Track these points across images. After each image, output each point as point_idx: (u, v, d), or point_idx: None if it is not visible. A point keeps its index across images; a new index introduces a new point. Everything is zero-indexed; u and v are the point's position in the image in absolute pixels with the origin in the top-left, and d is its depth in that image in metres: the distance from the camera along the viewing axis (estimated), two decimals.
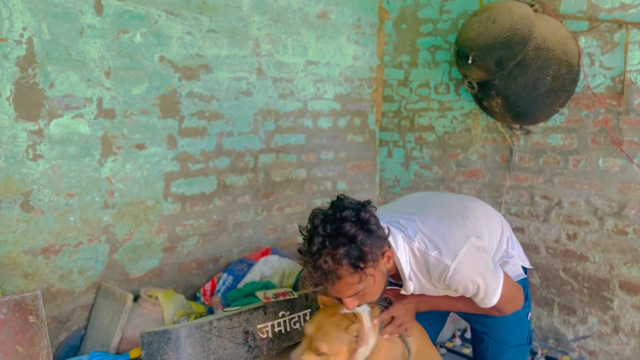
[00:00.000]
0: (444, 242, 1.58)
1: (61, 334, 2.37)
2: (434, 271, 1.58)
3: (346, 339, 1.64)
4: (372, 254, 1.46)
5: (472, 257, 1.58)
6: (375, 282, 1.51)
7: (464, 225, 1.67)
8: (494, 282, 1.60)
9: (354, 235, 1.43)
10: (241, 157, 2.91)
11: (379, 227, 1.51)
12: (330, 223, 1.44)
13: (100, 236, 2.44)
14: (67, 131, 2.29)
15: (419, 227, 1.62)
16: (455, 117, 3.12)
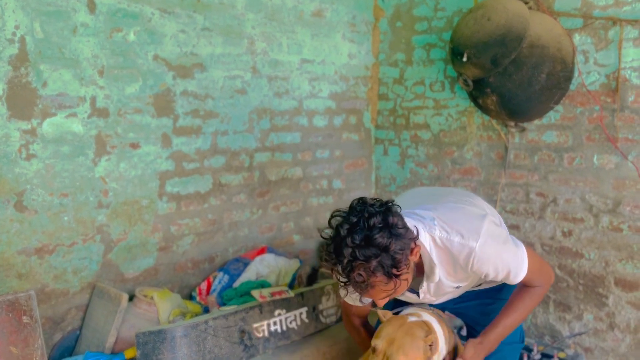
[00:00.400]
0: (463, 225, 1.57)
1: (56, 334, 2.35)
2: (460, 257, 1.56)
3: (422, 348, 1.63)
4: (405, 258, 1.42)
5: (493, 235, 1.59)
6: (406, 277, 1.48)
7: (475, 207, 1.69)
8: (519, 255, 1.63)
9: (386, 246, 1.37)
10: (236, 155, 2.90)
11: (406, 227, 1.45)
12: (358, 233, 1.37)
13: (94, 236, 2.42)
14: (61, 130, 2.28)
15: (436, 215, 1.59)
16: (451, 114, 3.12)
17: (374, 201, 1.46)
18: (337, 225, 1.42)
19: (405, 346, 1.62)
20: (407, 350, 1.61)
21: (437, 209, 1.63)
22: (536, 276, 1.69)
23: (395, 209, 1.46)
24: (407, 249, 1.43)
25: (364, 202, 1.45)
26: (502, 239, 1.61)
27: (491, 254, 1.56)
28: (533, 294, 1.72)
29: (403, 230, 1.43)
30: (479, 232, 1.55)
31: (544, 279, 1.73)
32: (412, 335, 1.63)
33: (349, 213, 1.43)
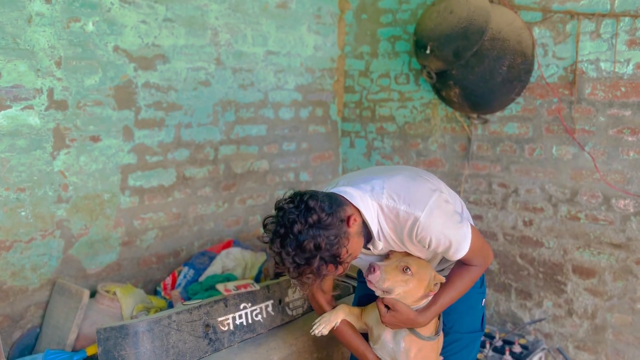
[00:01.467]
0: (412, 195, 1.60)
1: (15, 332, 2.29)
2: (405, 226, 1.59)
3: (431, 276, 1.71)
4: (341, 241, 1.50)
5: (440, 208, 1.60)
6: (355, 242, 1.57)
7: (428, 182, 1.70)
8: (462, 232, 1.62)
9: (317, 245, 1.46)
10: (201, 148, 2.87)
11: (330, 212, 1.50)
12: (289, 244, 1.47)
13: (54, 231, 2.37)
14: (16, 123, 2.21)
15: (385, 185, 1.63)
16: (415, 107, 3.15)
17: (291, 202, 1.52)
18: (270, 240, 1.53)
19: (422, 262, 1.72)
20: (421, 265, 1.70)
21: (389, 180, 1.66)
22: (477, 256, 1.70)
23: (312, 202, 1.50)
24: (341, 233, 1.50)
25: (283, 209, 1.52)
26: (449, 214, 1.62)
27: (435, 226, 1.58)
28: (471, 272, 1.73)
29: (328, 218, 1.49)
30: (426, 203, 1.58)
31: (483, 260, 1.73)
32: (426, 265, 1.73)
33: (276, 223, 1.52)
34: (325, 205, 1.51)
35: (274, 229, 1.52)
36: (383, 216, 1.63)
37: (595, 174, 2.46)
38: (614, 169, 2.41)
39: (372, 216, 1.62)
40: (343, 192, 1.63)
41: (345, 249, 1.52)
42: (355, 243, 1.58)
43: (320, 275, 1.51)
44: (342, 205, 1.56)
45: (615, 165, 2.40)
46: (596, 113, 2.44)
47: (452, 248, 1.63)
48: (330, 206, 1.52)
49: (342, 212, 1.54)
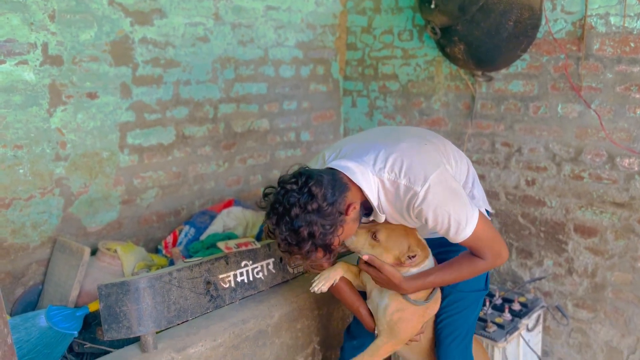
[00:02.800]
0: (413, 169, 1.56)
1: (17, 289, 2.31)
2: (404, 200, 1.57)
3: (403, 249, 1.69)
4: (335, 232, 1.51)
5: (442, 184, 1.55)
6: (349, 228, 1.58)
7: (434, 151, 1.66)
8: (465, 212, 1.57)
9: (311, 233, 1.47)
10: (200, 106, 2.82)
11: (331, 201, 1.49)
12: (284, 224, 1.49)
13: (53, 189, 2.35)
14: (11, 79, 2.16)
15: (388, 156, 1.60)
16: (419, 64, 3.08)
17: (295, 182, 1.50)
18: (267, 213, 1.53)
19: (393, 231, 1.70)
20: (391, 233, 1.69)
21: (392, 149, 1.62)
22: (484, 247, 1.63)
23: (315, 189, 1.48)
24: (337, 222, 1.50)
25: (285, 189, 1.50)
26: (451, 191, 1.57)
27: (434, 202, 1.54)
28: (474, 264, 1.66)
29: (328, 208, 1.48)
30: (427, 177, 1.54)
31: (492, 255, 1.65)
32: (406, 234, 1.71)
33: (274, 200, 1.52)
34: (328, 194, 1.49)
35: (272, 203, 1.52)
36: (383, 191, 1.61)
37: (600, 132, 2.42)
38: (620, 127, 2.37)
39: (373, 192, 1.60)
40: (345, 168, 1.60)
41: (338, 238, 1.53)
42: (349, 229, 1.59)
43: (309, 259, 1.52)
44: (344, 192, 1.54)
45: (621, 123, 2.36)
46: (604, 69, 2.38)
47: (452, 228, 1.58)
48: (333, 194, 1.50)
49: (343, 202, 1.53)
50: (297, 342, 2.31)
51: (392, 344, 1.81)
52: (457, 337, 1.88)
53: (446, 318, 1.89)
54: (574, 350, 2.65)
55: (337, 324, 2.48)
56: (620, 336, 2.48)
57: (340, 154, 1.70)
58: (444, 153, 1.72)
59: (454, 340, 1.88)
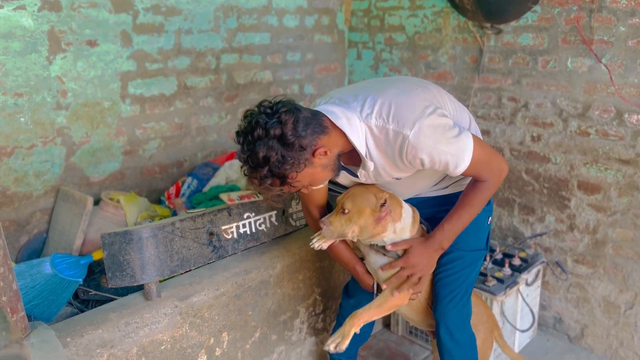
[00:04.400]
0: (402, 112, 1.52)
1: (21, 237, 2.33)
2: (395, 146, 1.53)
3: (372, 202, 1.68)
4: (294, 166, 1.46)
5: (432, 124, 1.51)
6: (317, 173, 1.55)
7: (424, 94, 1.61)
8: (460, 144, 1.53)
9: (266, 157, 1.43)
10: (202, 56, 2.77)
11: (304, 130, 1.46)
12: (247, 144, 1.46)
13: (54, 138, 2.34)
14: (9, 24, 2.12)
15: (376, 102, 1.55)
16: (427, 16, 3.00)
17: (270, 107, 1.47)
18: (236, 132, 1.50)
19: (355, 196, 1.70)
20: (355, 199, 1.69)
21: (380, 95, 1.57)
22: (484, 169, 1.61)
23: (285, 117, 1.44)
24: (298, 157, 1.46)
25: (259, 111, 1.47)
26: (442, 128, 1.52)
27: (426, 144, 1.50)
28: (482, 189, 1.65)
29: (292, 139, 1.44)
30: (415, 120, 1.50)
31: (493, 173, 1.63)
32: (366, 190, 1.72)
33: (243, 121, 1.49)
34: (298, 127, 1.45)
35: (243, 122, 1.50)
36: (372, 138, 1.56)
37: (610, 87, 2.37)
38: (630, 82, 2.32)
39: (360, 139, 1.56)
40: (330, 112, 1.55)
41: (295, 174, 1.49)
42: (316, 174, 1.55)
43: (264, 185, 1.49)
44: (318, 133, 1.49)
45: (631, 78, 2.31)
46: (617, 22, 2.31)
47: (451, 164, 1.55)
48: (304, 129, 1.46)
49: (313, 141, 1.48)
50: (299, 293, 2.34)
51: (398, 297, 1.82)
52: (455, 297, 1.86)
53: (445, 277, 1.87)
54: (571, 305, 2.69)
55: (339, 276, 2.52)
56: (619, 291, 2.51)
57: (329, 101, 1.65)
58: (438, 99, 1.65)
59: (452, 299, 1.86)
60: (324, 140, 1.51)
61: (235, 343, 2.10)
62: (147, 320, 1.81)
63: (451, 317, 1.87)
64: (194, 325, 1.93)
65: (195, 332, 1.94)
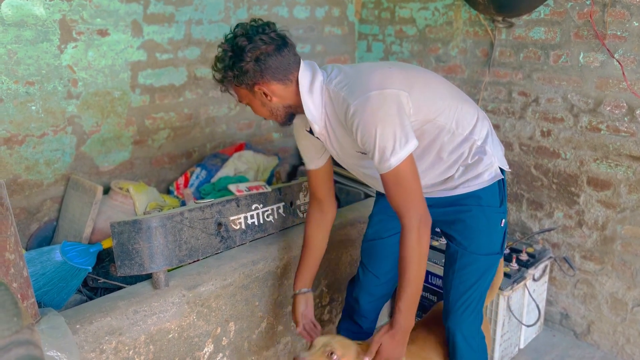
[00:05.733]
0: (359, 84, 1.56)
1: (32, 225, 2.36)
2: (341, 112, 1.58)
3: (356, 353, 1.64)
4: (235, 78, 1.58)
5: (380, 103, 1.50)
6: (254, 103, 1.66)
7: (393, 75, 1.60)
8: (395, 140, 1.49)
9: (225, 52, 1.57)
10: (212, 47, 2.77)
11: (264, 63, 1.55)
12: (225, 40, 1.59)
13: (65, 127, 2.35)
14: (21, 13, 2.13)
15: (345, 72, 1.62)
16: (438, 9, 2.98)
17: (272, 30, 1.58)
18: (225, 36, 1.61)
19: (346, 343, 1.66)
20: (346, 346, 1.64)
21: (354, 67, 1.64)
22: (404, 196, 1.54)
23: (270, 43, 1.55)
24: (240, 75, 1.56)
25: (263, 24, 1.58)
26: (388, 114, 1.49)
27: (364, 118, 1.50)
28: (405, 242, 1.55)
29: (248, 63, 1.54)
30: (364, 93, 1.51)
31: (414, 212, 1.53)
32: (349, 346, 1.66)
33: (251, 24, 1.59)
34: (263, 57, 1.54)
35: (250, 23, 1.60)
36: (329, 102, 1.62)
37: (622, 83, 2.35)
38: None
39: (315, 99, 1.61)
40: (304, 72, 1.61)
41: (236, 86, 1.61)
42: (253, 103, 1.65)
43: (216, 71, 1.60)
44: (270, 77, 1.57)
45: None
46: (630, 17, 2.29)
47: (377, 153, 1.50)
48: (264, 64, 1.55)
49: (259, 78, 1.57)
50: None
51: None
52: (470, 305, 1.80)
53: (459, 284, 1.79)
54: (578, 301, 2.68)
55: (345, 268, 2.52)
56: (626, 288, 2.50)
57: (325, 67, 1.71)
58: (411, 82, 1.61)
59: (467, 308, 1.80)
60: (273, 86, 1.59)
61: (242, 333, 2.12)
62: (155, 309, 1.83)
63: (467, 325, 1.82)
64: (201, 315, 1.95)
65: (202, 321, 1.96)
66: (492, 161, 1.74)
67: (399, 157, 1.50)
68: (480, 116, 1.77)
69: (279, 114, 1.68)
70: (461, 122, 1.70)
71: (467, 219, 1.77)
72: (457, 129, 1.69)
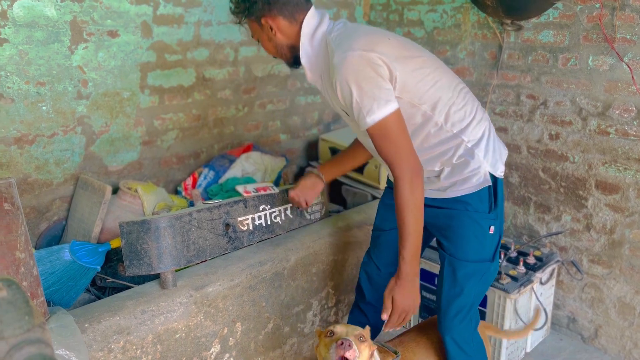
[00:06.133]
0: (349, 40, 1.59)
1: (41, 224, 2.37)
2: (328, 64, 1.64)
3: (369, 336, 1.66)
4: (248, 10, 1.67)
5: (358, 64, 1.53)
6: (262, 37, 1.74)
7: (388, 44, 1.61)
8: (372, 101, 1.53)
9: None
10: (221, 49, 2.78)
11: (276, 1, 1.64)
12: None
13: (75, 127, 2.37)
14: (33, 14, 2.15)
15: (347, 27, 1.67)
16: (446, 11, 2.98)
17: None
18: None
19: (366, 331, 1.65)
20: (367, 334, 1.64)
21: (358, 27, 1.69)
22: (392, 150, 1.57)
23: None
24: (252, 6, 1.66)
25: None
26: (366, 74, 1.53)
27: (342, 73, 1.54)
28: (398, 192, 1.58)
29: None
30: (347, 51, 1.55)
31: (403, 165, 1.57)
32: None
33: None
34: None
35: None
36: (325, 52, 1.66)
37: (631, 86, 2.34)
38: None
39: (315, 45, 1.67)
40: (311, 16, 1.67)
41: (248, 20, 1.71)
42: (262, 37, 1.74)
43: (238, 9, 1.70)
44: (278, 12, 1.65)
45: None
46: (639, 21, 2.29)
47: (355, 109, 1.56)
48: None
49: (268, 11, 1.65)
50: (312, 286, 2.36)
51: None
52: (460, 311, 1.78)
53: (448, 290, 1.78)
54: (585, 305, 2.67)
55: (352, 270, 2.53)
56: (634, 292, 2.49)
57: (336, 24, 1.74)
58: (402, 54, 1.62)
59: (457, 314, 1.78)
60: (279, 21, 1.67)
61: (249, 333, 2.12)
62: (162, 309, 1.84)
63: (458, 331, 1.81)
64: (208, 315, 1.96)
65: (209, 321, 1.96)
66: (480, 166, 1.71)
67: (375, 118, 1.54)
68: (478, 117, 1.74)
69: (283, 52, 1.75)
70: (451, 118, 1.68)
71: (454, 225, 1.76)
72: (446, 124, 1.68)
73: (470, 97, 1.77)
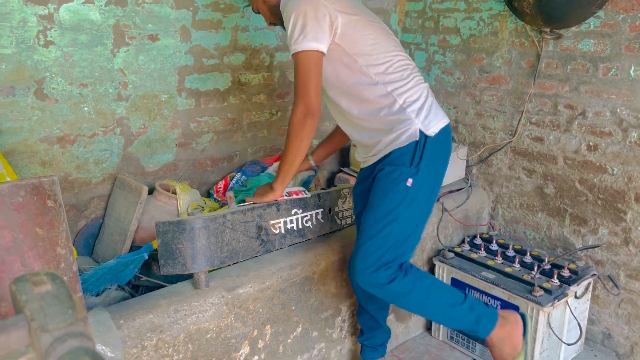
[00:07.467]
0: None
1: (80, 221, 2.44)
2: None
3: None
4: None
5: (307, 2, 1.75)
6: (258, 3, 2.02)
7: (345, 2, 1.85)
8: (299, 34, 1.74)
9: None
10: (257, 53, 2.82)
11: None
12: None
13: (114, 128, 2.43)
14: (78, 18, 2.21)
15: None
16: (483, 18, 2.96)
17: None
18: None
19: None
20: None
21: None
22: (298, 81, 1.79)
23: None
24: None
25: None
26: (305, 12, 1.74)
27: (290, 8, 1.77)
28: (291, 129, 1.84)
29: None
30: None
31: (301, 95, 1.79)
32: None
33: None
34: None
35: None
36: None
37: None
38: None
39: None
40: None
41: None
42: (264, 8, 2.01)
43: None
44: None
45: None
46: None
47: (289, 35, 1.78)
48: None
49: None
50: (341, 291, 2.36)
51: None
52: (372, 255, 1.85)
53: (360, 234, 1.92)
54: (621, 321, 2.60)
55: None
56: None
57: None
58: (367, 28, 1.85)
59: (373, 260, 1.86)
60: None
61: (278, 337, 2.13)
62: (195, 309, 1.86)
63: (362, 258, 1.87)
64: (239, 317, 1.97)
65: (239, 323, 1.98)
66: (411, 124, 1.83)
67: (297, 47, 1.75)
68: (412, 83, 1.89)
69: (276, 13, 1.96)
70: (386, 78, 1.85)
71: (376, 181, 1.90)
72: (381, 82, 1.84)
73: (409, 67, 1.92)
